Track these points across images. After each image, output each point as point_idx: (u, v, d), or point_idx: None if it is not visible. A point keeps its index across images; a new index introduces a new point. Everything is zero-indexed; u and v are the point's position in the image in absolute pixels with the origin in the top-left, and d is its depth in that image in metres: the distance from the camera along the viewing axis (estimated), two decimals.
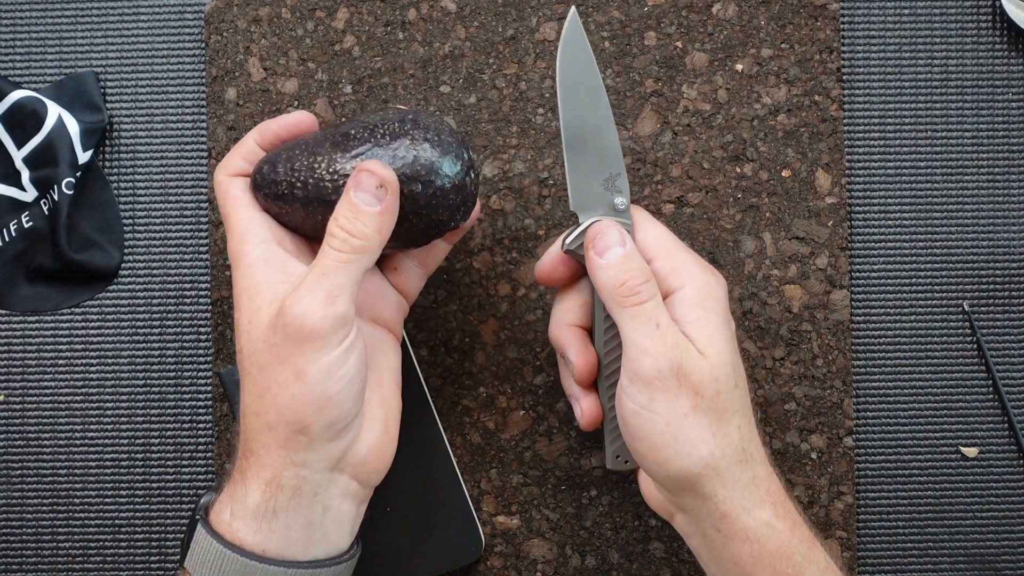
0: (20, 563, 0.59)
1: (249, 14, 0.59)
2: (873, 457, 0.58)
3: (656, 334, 0.45)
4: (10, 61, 0.60)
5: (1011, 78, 0.59)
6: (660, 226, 0.49)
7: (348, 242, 0.44)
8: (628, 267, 0.47)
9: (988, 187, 0.59)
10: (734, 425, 0.45)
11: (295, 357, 0.44)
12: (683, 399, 0.45)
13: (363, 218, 0.45)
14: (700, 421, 0.45)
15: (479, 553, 0.57)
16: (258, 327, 0.45)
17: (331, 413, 0.44)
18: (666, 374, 0.45)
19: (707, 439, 0.45)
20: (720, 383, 0.45)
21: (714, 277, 0.48)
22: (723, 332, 0.46)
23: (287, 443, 0.44)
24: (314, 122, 0.50)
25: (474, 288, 0.58)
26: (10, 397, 0.59)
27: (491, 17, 0.59)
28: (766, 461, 0.47)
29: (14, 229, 0.59)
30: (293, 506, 0.44)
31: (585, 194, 0.49)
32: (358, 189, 0.45)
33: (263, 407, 0.44)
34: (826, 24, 0.58)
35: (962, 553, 0.58)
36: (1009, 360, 0.59)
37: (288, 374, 0.44)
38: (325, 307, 0.43)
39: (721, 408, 0.45)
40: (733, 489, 0.45)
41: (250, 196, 0.49)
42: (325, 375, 0.44)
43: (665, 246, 0.48)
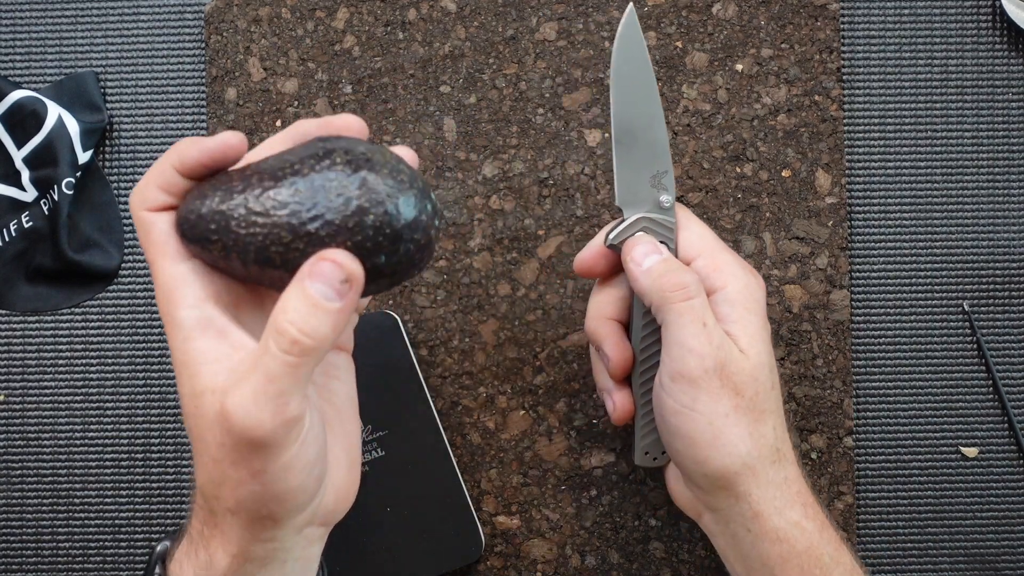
0: (20, 563, 0.59)
1: (249, 14, 0.59)
2: (873, 457, 0.58)
3: (703, 333, 0.45)
4: (10, 61, 0.60)
5: (1011, 78, 0.59)
6: (703, 225, 0.50)
7: (299, 343, 0.37)
8: (672, 267, 0.47)
9: (988, 187, 0.59)
10: (770, 425, 0.46)
11: (249, 461, 0.38)
12: (725, 399, 0.45)
13: (320, 315, 0.37)
14: (740, 421, 0.45)
15: (479, 553, 0.57)
16: (204, 415, 0.39)
17: (296, 499, 0.40)
18: (711, 373, 0.45)
19: (745, 439, 0.45)
20: (759, 383, 0.45)
21: (754, 278, 0.48)
22: (763, 333, 0.47)
23: (251, 526, 0.40)
24: (243, 145, 0.41)
25: (474, 288, 0.58)
26: (10, 397, 0.59)
27: (491, 17, 0.59)
28: (796, 462, 0.47)
29: (14, 229, 0.59)
30: (265, 572, 0.41)
31: (632, 190, 0.50)
32: (316, 280, 0.38)
33: (221, 494, 0.40)
34: (826, 24, 0.58)
35: (962, 553, 0.58)
36: (1009, 360, 0.59)
37: (243, 475, 0.39)
38: (275, 416, 0.37)
39: (760, 408, 0.45)
40: (767, 489, 0.45)
41: (176, 242, 0.40)
42: (283, 472, 0.39)
43: (708, 245, 0.48)
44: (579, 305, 0.58)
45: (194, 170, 0.40)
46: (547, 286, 0.58)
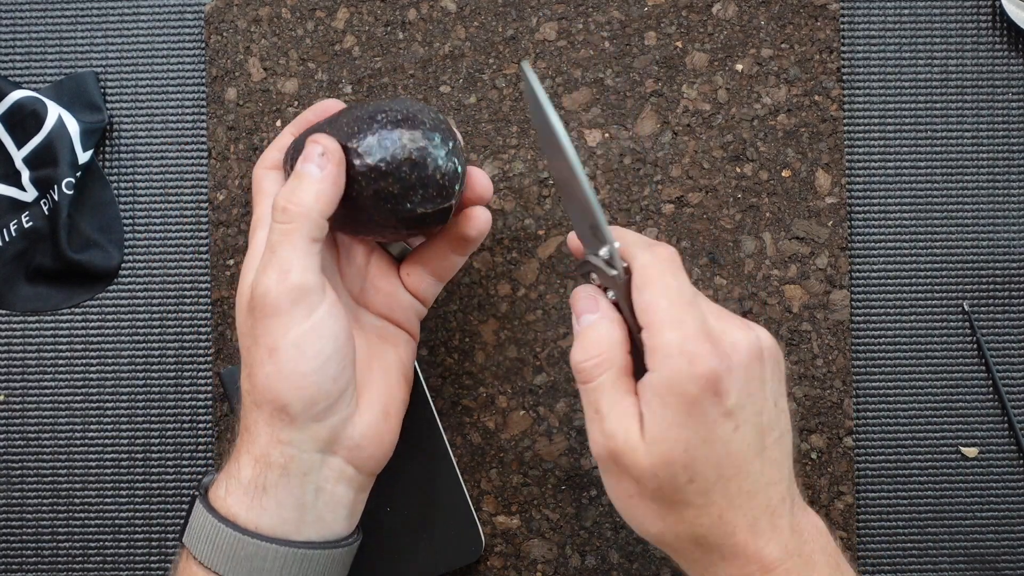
0: (20, 563, 0.59)
1: (249, 14, 0.59)
2: (873, 457, 0.58)
3: (595, 419, 0.43)
4: (10, 61, 0.60)
5: (1011, 78, 0.59)
6: (659, 287, 0.43)
7: (286, 211, 0.45)
8: (585, 340, 0.44)
9: (988, 187, 0.59)
10: (687, 516, 0.42)
11: (265, 336, 0.44)
12: (625, 482, 0.43)
13: (304, 185, 0.45)
14: (646, 504, 0.43)
15: (479, 553, 0.57)
16: (240, 310, 0.46)
17: (308, 392, 0.44)
18: (604, 459, 0.43)
19: (655, 520, 0.43)
20: (662, 479, 0.42)
21: (689, 365, 0.41)
22: (680, 429, 0.41)
23: (271, 421, 0.45)
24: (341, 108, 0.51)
25: (474, 288, 0.58)
26: (10, 397, 0.59)
27: (491, 17, 0.59)
28: (751, 540, 0.42)
29: (14, 229, 0.59)
30: (283, 484, 0.45)
31: (581, 233, 0.47)
32: (304, 160, 0.46)
33: (251, 386, 0.45)
34: (826, 24, 0.58)
35: (962, 553, 0.58)
36: (1009, 360, 0.59)
37: (262, 353, 0.44)
38: (279, 282, 0.44)
39: (668, 500, 0.42)
40: (692, 565, 0.44)
41: (277, 188, 0.49)
42: (296, 352, 0.44)
43: (653, 318, 0.43)
44: None
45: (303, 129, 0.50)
46: (547, 286, 0.58)
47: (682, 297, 0.43)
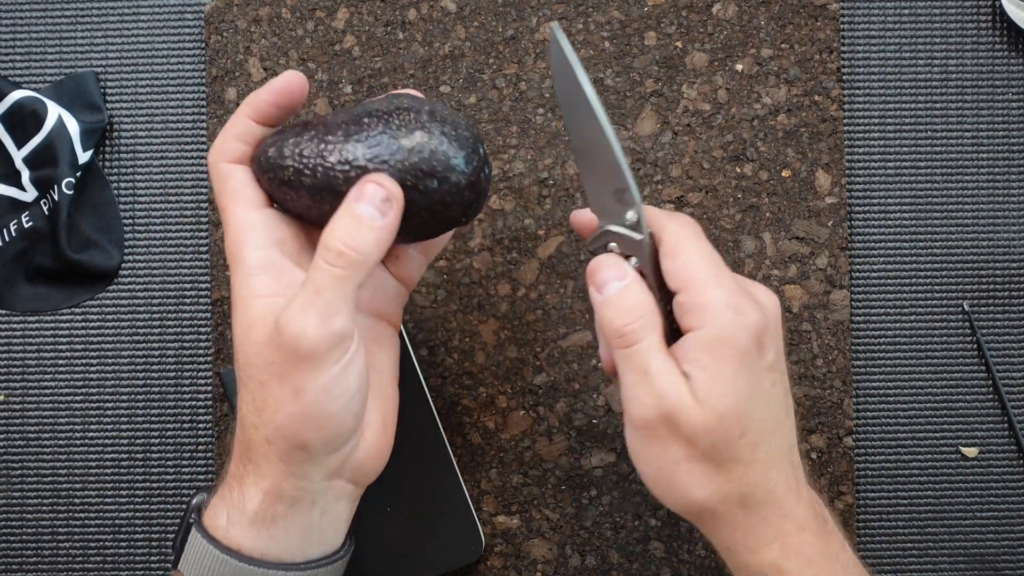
0: (20, 563, 0.59)
1: (249, 14, 0.59)
2: (873, 457, 0.58)
3: (643, 382, 0.42)
4: (10, 61, 0.60)
5: (1011, 78, 0.59)
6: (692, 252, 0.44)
7: (344, 256, 0.42)
8: (620, 305, 0.44)
9: (988, 187, 0.59)
10: (736, 474, 0.43)
11: (292, 376, 0.42)
12: (674, 448, 0.42)
13: (364, 231, 0.42)
14: (694, 468, 0.43)
15: (479, 553, 0.57)
16: (254, 342, 0.43)
17: (331, 430, 0.43)
18: (654, 423, 0.42)
19: (702, 485, 0.43)
20: (716, 436, 0.42)
21: (738, 317, 0.42)
22: (732, 382, 0.42)
23: (286, 457, 0.43)
24: (304, 83, 0.46)
25: (474, 288, 0.58)
26: (10, 397, 0.59)
27: (491, 17, 0.59)
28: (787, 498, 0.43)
29: (14, 229, 0.59)
30: (292, 514, 0.44)
31: (599, 203, 0.46)
32: (361, 201, 0.42)
33: (261, 421, 0.43)
34: (826, 24, 0.58)
35: (962, 553, 0.58)
36: (1009, 360, 0.59)
37: (286, 392, 0.42)
38: (319, 327, 0.41)
39: (721, 458, 0.42)
40: (734, 530, 0.43)
41: (252, 191, 0.45)
42: (323, 394, 0.42)
43: (693, 278, 0.43)
44: (579, 305, 0.58)
45: (268, 114, 0.45)
46: (547, 286, 0.58)
47: (715, 258, 0.44)
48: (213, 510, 0.45)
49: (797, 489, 0.44)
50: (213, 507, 0.45)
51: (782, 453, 0.44)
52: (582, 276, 0.58)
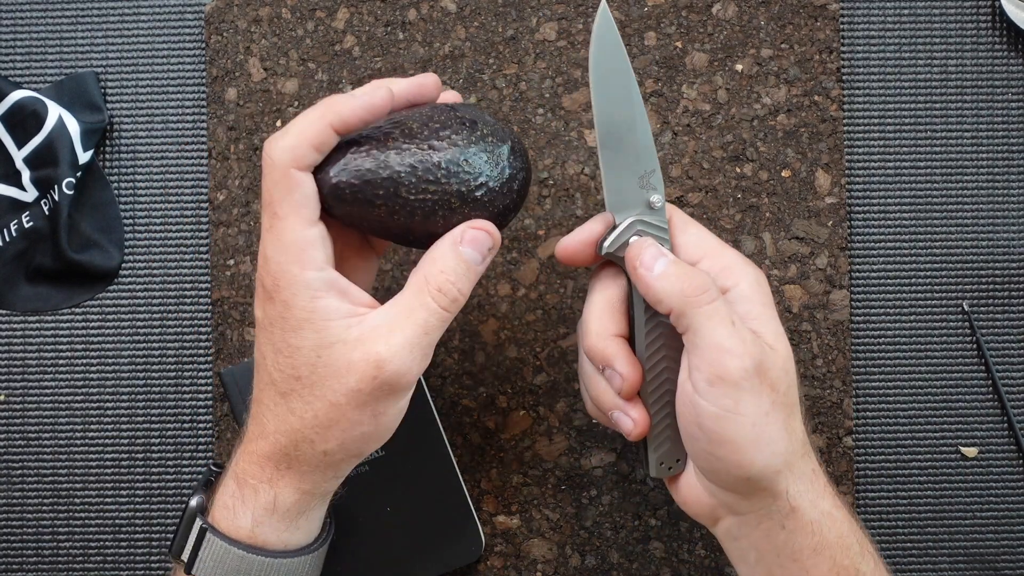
0: (20, 563, 0.59)
1: (249, 14, 0.59)
2: (873, 457, 0.58)
3: (735, 333, 0.44)
4: (10, 61, 0.60)
5: (1011, 78, 0.59)
6: (698, 225, 0.48)
7: (456, 302, 0.44)
8: (680, 272, 0.45)
9: (988, 187, 0.59)
10: (797, 418, 0.46)
11: (376, 404, 0.43)
12: (764, 396, 0.44)
13: (470, 275, 0.44)
14: (777, 418, 0.44)
15: (479, 553, 0.57)
16: (330, 366, 0.43)
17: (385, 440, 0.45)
18: (751, 372, 0.43)
19: (783, 435, 0.44)
20: (790, 376, 0.45)
21: (760, 272, 0.47)
22: (778, 324, 0.46)
23: (338, 465, 0.45)
24: (389, 100, 0.45)
25: (474, 288, 0.58)
26: (10, 397, 0.59)
27: (491, 17, 0.59)
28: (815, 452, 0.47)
29: (14, 229, 0.59)
30: (320, 505, 0.46)
31: (621, 193, 0.47)
32: (469, 245, 0.44)
33: (325, 438, 0.43)
34: (826, 24, 0.58)
35: (962, 553, 0.58)
36: (1009, 360, 0.59)
37: (365, 416, 0.43)
38: (422, 364, 0.43)
39: (791, 402, 0.45)
40: (801, 482, 0.45)
41: (314, 204, 0.44)
42: (398, 415, 0.44)
43: (708, 245, 0.47)
44: (579, 305, 0.58)
45: (353, 127, 0.44)
46: (547, 286, 0.58)
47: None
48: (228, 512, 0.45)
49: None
50: (227, 509, 0.45)
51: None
52: (582, 276, 0.58)
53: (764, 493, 0.45)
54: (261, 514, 0.44)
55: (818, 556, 0.44)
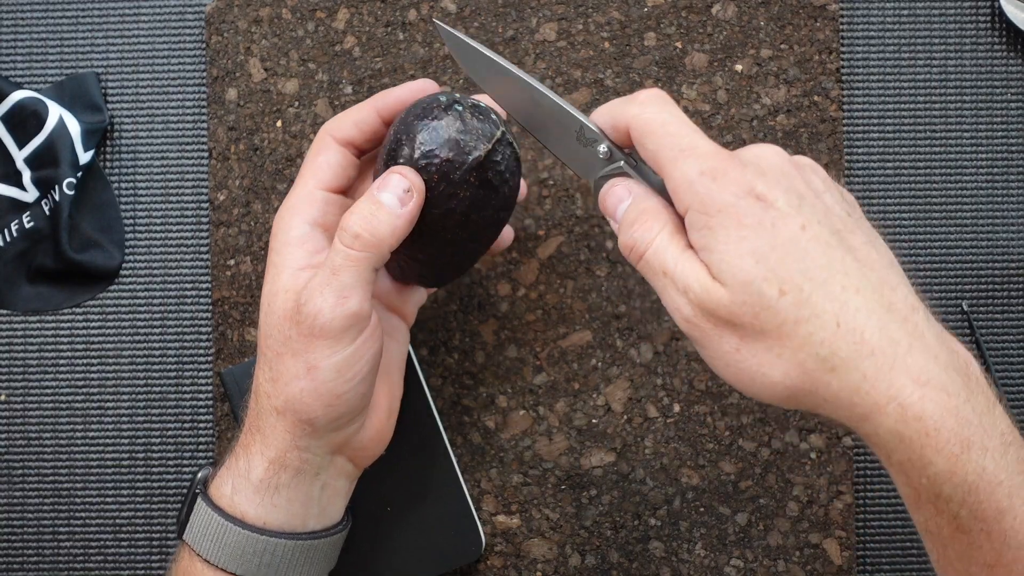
0: (21, 562, 0.59)
1: (250, 15, 0.59)
2: (872, 457, 0.58)
3: (667, 284, 0.40)
4: (11, 62, 0.61)
5: (1010, 78, 0.60)
6: (659, 125, 0.41)
7: (360, 238, 0.44)
8: (626, 221, 0.42)
9: (988, 187, 0.59)
10: (801, 335, 0.38)
11: (307, 353, 0.44)
12: (725, 336, 0.39)
13: (381, 215, 0.44)
14: (755, 348, 0.39)
15: (479, 553, 0.57)
16: (275, 313, 0.45)
17: (339, 409, 0.45)
18: (695, 321, 0.40)
19: (773, 362, 0.38)
20: (750, 304, 0.38)
21: (715, 181, 0.39)
22: (739, 244, 0.38)
23: (293, 429, 0.45)
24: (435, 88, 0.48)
25: (474, 288, 0.58)
26: (11, 396, 0.59)
27: (491, 18, 0.59)
28: (890, 346, 0.37)
29: (15, 229, 0.59)
30: (295, 484, 0.46)
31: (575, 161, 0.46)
32: (384, 189, 0.44)
33: (274, 391, 0.45)
34: (825, 25, 0.58)
35: None
36: (1008, 360, 0.59)
37: (300, 367, 0.44)
38: (335, 307, 0.43)
39: (771, 327, 0.38)
40: (837, 404, 0.38)
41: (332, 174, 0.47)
42: (335, 374, 0.44)
43: (663, 157, 0.41)
44: (579, 305, 0.58)
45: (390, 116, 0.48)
46: (547, 286, 0.58)
47: (684, 127, 0.41)
48: (218, 480, 0.47)
49: (908, 334, 0.38)
50: (218, 478, 0.47)
51: (856, 294, 0.38)
52: (582, 276, 0.58)
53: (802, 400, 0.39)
54: (239, 482, 0.46)
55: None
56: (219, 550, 0.45)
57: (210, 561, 0.45)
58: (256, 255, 0.58)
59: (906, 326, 0.38)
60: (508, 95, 0.47)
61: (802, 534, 0.57)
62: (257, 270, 0.58)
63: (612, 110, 0.43)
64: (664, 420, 0.57)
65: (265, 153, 0.59)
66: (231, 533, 0.45)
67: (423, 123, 0.45)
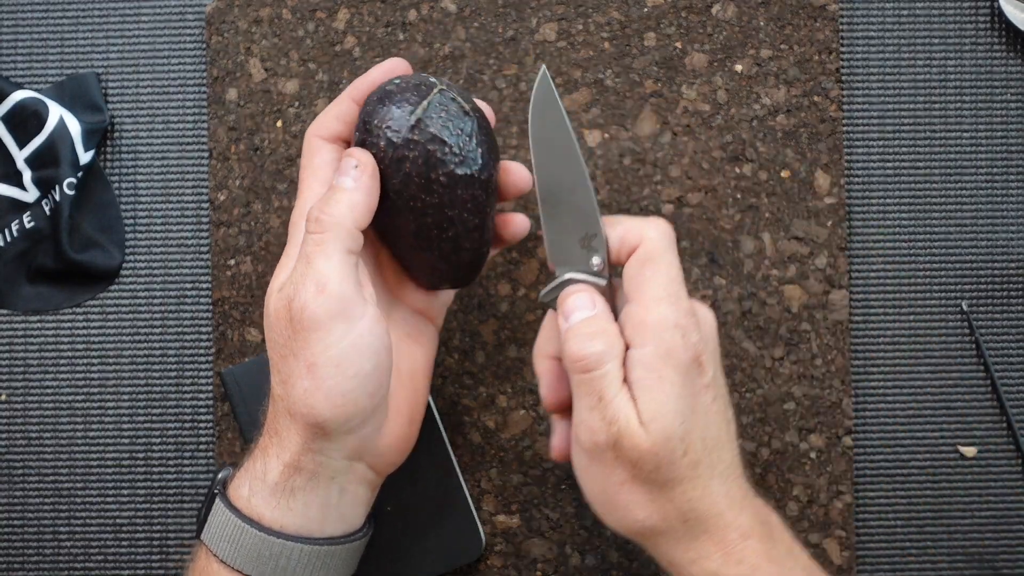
0: (21, 562, 0.59)
1: (250, 15, 0.59)
2: (872, 457, 0.58)
3: (597, 407, 0.44)
4: (12, 62, 0.61)
5: (1010, 79, 0.60)
6: (663, 264, 0.45)
7: (319, 221, 0.44)
8: (584, 332, 0.45)
9: (987, 187, 0.59)
10: (677, 492, 0.44)
11: (304, 351, 0.44)
12: (619, 470, 0.44)
13: (336, 195, 0.45)
14: (637, 489, 0.44)
15: (479, 553, 0.57)
16: (270, 315, 0.45)
17: (346, 410, 0.44)
18: (603, 447, 0.44)
19: (644, 504, 0.44)
20: (661, 458, 0.43)
21: (683, 337, 0.44)
22: (676, 403, 0.43)
23: (304, 432, 0.45)
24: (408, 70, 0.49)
25: (474, 288, 0.58)
26: (11, 396, 0.59)
27: (491, 18, 0.59)
28: (729, 509, 0.45)
29: (16, 229, 0.60)
30: (311, 487, 0.45)
31: (562, 250, 0.48)
32: (339, 174, 0.45)
33: (285, 394, 0.45)
34: (825, 25, 0.58)
35: (961, 552, 0.58)
36: (1008, 360, 0.59)
37: (301, 367, 0.44)
38: (316, 295, 0.43)
39: (663, 479, 0.43)
40: (676, 545, 0.45)
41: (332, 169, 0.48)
42: (335, 369, 0.43)
43: (652, 295, 0.44)
44: None
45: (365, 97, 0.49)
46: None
47: (678, 275, 0.45)
48: (237, 481, 0.47)
49: (741, 499, 0.45)
50: (237, 479, 0.47)
51: (724, 467, 0.45)
52: None
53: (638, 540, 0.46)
54: (255, 484, 0.46)
55: None
56: (235, 551, 0.45)
57: (226, 562, 0.45)
58: (256, 255, 0.58)
59: (740, 490, 0.45)
60: (551, 165, 0.47)
61: (802, 534, 0.57)
62: (257, 270, 0.58)
63: (627, 224, 0.46)
64: None
65: (265, 153, 0.59)
66: (247, 535, 0.45)
67: (370, 103, 0.47)
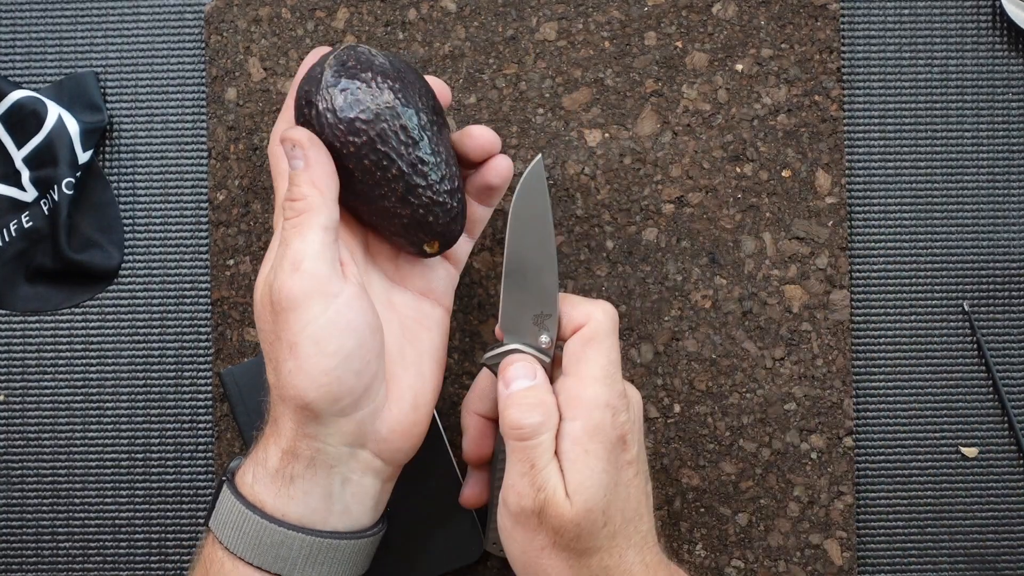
0: (20, 563, 0.59)
1: (249, 14, 0.59)
2: (873, 457, 0.58)
3: (527, 474, 0.45)
4: (10, 61, 0.60)
5: (1011, 78, 0.59)
6: (606, 345, 0.48)
7: (292, 207, 0.45)
8: (525, 402, 0.47)
9: (988, 187, 0.59)
10: (595, 559, 0.46)
11: (285, 331, 0.44)
12: (542, 536, 0.46)
13: (297, 179, 0.45)
14: (556, 555, 0.46)
15: (479, 553, 0.57)
16: (257, 305, 0.46)
17: (330, 389, 0.44)
18: (528, 513, 0.45)
19: (562, 570, 0.46)
20: (582, 528, 0.45)
21: (613, 416, 0.46)
22: (600, 477, 0.45)
23: (296, 415, 0.45)
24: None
25: (474, 288, 0.58)
26: (10, 397, 0.59)
27: (491, 17, 0.59)
28: (644, 573, 0.47)
29: (14, 229, 0.59)
30: (309, 475, 0.45)
31: (514, 322, 0.50)
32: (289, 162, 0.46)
33: (276, 380, 0.45)
34: (826, 24, 0.58)
35: (962, 553, 0.58)
36: (1009, 360, 0.59)
37: (284, 349, 0.44)
38: (291, 274, 0.44)
39: (581, 548, 0.46)
40: None
41: None
42: (315, 347, 0.44)
43: (587, 372, 0.47)
44: None
45: None
46: None
47: (617, 357, 0.48)
48: (243, 469, 0.47)
49: (656, 565, 0.48)
50: (243, 467, 0.47)
51: (639, 537, 0.47)
52: (582, 276, 0.58)
53: None
54: (258, 470, 0.46)
55: None
56: (238, 538, 0.45)
57: (229, 549, 0.45)
58: (256, 255, 0.58)
59: (655, 557, 0.48)
60: (524, 242, 0.50)
61: (803, 535, 0.57)
62: (256, 270, 0.58)
63: (576, 303, 0.49)
64: (664, 420, 0.57)
65: (265, 153, 0.59)
66: (249, 521, 0.45)
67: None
